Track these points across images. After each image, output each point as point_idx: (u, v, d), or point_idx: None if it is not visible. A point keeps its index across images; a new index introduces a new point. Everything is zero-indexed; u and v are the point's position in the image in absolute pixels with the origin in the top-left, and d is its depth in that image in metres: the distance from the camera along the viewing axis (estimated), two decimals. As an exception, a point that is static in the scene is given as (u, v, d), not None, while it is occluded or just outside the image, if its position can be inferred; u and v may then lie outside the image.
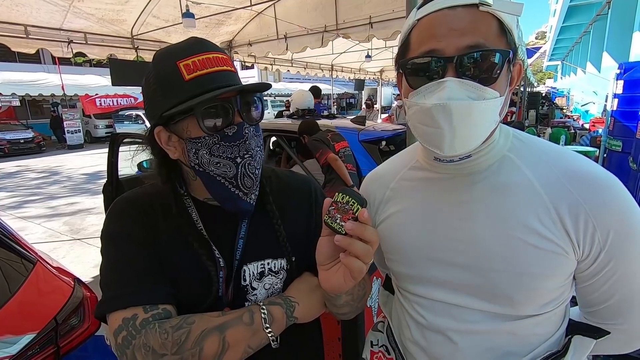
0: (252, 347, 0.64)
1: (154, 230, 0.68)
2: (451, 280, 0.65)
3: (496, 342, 0.63)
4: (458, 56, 0.53)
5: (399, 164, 0.77)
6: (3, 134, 12.52)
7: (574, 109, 14.23)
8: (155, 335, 0.59)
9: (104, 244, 0.68)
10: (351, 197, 0.55)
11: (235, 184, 0.66)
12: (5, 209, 5.98)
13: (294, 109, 4.23)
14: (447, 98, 0.53)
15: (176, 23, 4.84)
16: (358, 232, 0.54)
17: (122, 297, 0.63)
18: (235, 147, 0.65)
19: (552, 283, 0.60)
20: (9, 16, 3.91)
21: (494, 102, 0.55)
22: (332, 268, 0.60)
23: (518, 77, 0.61)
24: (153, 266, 0.66)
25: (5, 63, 14.77)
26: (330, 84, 12.84)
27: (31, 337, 1.15)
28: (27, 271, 1.34)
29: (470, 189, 0.63)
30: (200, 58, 0.63)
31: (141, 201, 0.71)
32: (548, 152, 0.62)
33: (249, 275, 0.71)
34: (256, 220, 0.73)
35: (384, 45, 7.34)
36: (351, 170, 2.91)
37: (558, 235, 0.57)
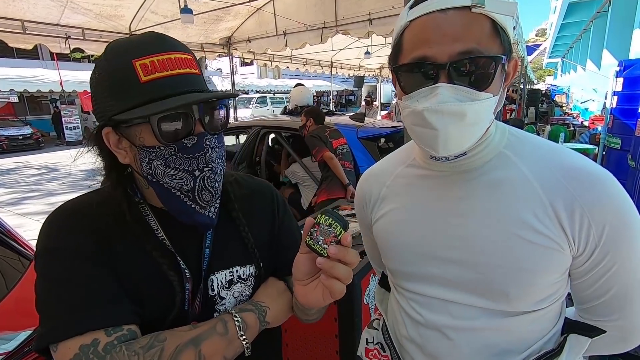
0: (227, 358, 0.61)
1: (106, 242, 0.60)
2: (447, 277, 0.65)
3: (492, 339, 0.64)
4: (450, 63, 0.53)
5: (395, 161, 0.77)
6: (1, 130, 12.49)
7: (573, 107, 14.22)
8: (124, 359, 0.53)
9: (43, 262, 0.58)
10: (334, 220, 0.54)
11: (192, 197, 0.61)
12: (3, 205, 5.97)
13: (293, 105, 4.23)
14: (440, 102, 0.54)
15: (174, 19, 4.82)
16: (340, 255, 0.54)
17: (77, 321, 0.54)
18: (194, 159, 0.59)
19: (547, 279, 0.60)
20: (5, 11, 3.89)
21: (487, 102, 0.55)
22: (310, 284, 0.61)
23: (514, 73, 0.61)
24: (109, 283, 0.58)
25: (3, 59, 14.71)
26: (329, 80, 12.81)
27: (28, 333, 1.15)
28: (24, 268, 1.33)
29: (466, 185, 0.64)
30: (160, 58, 0.57)
31: (87, 210, 0.62)
32: (543, 148, 0.63)
33: (217, 285, 0.67)
34: (222, 227, 0.69)
35: (383, 42, 7.32)
36: (348, 168, 2.91)
37: (554, 231, 0.57)
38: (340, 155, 2.90)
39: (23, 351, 1.12)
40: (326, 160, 2.81)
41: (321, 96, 22.89)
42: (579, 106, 12.59)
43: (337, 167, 2.80)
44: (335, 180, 2.83)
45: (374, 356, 0.81)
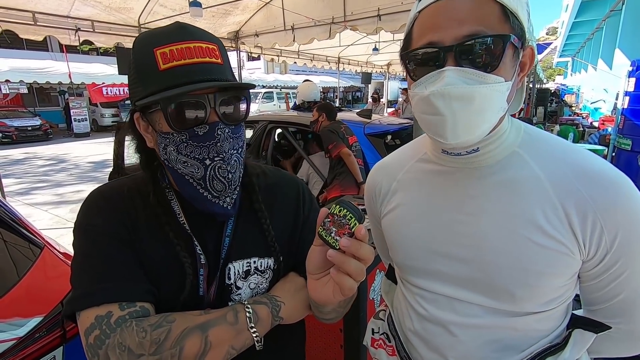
0: (235, 348, 0.61)
1: (132, 224, 0.64)
2: (454, 274, 0.65)
3: (496, 336, 0.64)
4: (456, 45, 0.53)
5: (407, 155, 0.77)
6: (11, 121, 12.63)
7: (583, 107, 14.03)
8: (132, 334, 0.55)
9: (77, 237, 0.63)
10: (349, 211, 0.51)
11: (203, 185, 0.62)
12: (13, 195, 6.05)
13: (300, 100, 4.22)
14: (447, 84, 0.52)
15: (183, 12, 4.82)
16: (353, 249, 0.51)
17: (95, 293, 0.58)
18: (205, 148, 0.60)
19: (555, 281, 0.59)
20: (17, 2, 3.92)
21: (498, 87, 0.53)
22: (321, 279, 0.58)
23: (530, 62, 0.59)
24: (130, 262, 0.61)
25: (14, 50, 14.85)
26: (336, 76, 12.77)
27: (38, 319, 1.16)
28: (34, 256, 1.36)
29: (478, 183, 0.63)
30: (179, 47, 0.58)
31: (118, 194, 0.66)
32: (559, 148, 0.61)
33: (233, 274, 0.68)
34: (244, 218, 0.70)
35: (391, 38, 7.27)
36: (361, 165, 2.88)
37: (564, 234, 0.56)
38: (355, 152, 2.85)
39: (34, 337, 1.14)
40: (343, 157, 2.73)
41: (327, 92, 22.81)
42: (589, 106, 12.42)
43: (354, 164, 2.74)
44: (349, 177, 2.78)
45: (379, 346, 0.82)
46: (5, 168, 8.20)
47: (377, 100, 9.47)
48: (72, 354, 1.23)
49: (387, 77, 12.77)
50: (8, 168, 8.33)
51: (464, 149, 0.61)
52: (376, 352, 0.83)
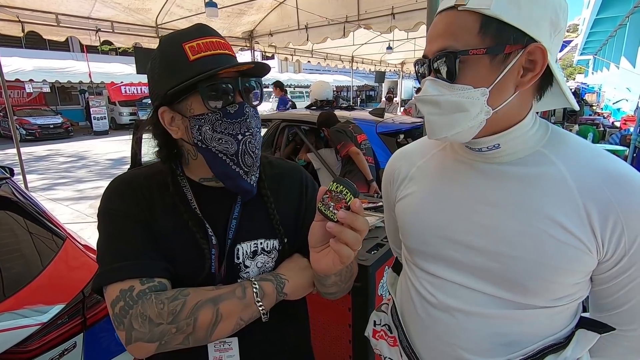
0: (243, 320, 0.67)
1: (150, 208, 0.70)
2: (466, 263, 0.65)
3: (502, 328, 0.64)
4: (429, 59, 0.62)
5: (430, 145, 0.79)
6: (34, 119, 13.06)
7: (604, 106, 13.61)
8: (152, 305, 0.62)
9: (101, 220, 0.70)
10: (345, 187, 0.57)
11: (236, 161, 0.69)
12: (36, 190, 6.27)
13: (313, 99, 4.24)
14: (423, 92, 0.62)
15: (199, 12, 4.91)
16: (349, 220, 0.57)
17: (119, 270, 0.65)
18: (237, 124, 0.68)
19: (569, 278, 0.59)
20: (41, 4, 4.07)
21: (467, 94, 0.58)
22: (322, 251, 0.64)
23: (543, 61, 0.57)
24: (149, 242, 0.68)
25: (37, 50, 15.36)
26: (350, 75, 12.74)
27: (60, 307, 1.23)
28: (57, 247, 1.42)
29: (499, 177, 0.64)
30: (204, 41, 0.67)
31: (138, 181, 0.73)
32: (586, 150, 0.61)
33: (242, 254, 0.74)
34: (250, 202, 0.76)
35: (405, 36, 7.21)
36: (370, 163, 2.90)
37: (583, 232, 0.57)
38: (364, 150, 2.87)
39: (56, 323, 1.20)
40: (352, 155, 2.77)
41: (341, 91, 22.77)
42: (611, 106, 12.04)
43: (362, 162, 2.77)
44: (358, 175, 2.81)
45: (380, 337, 0.84)
46: (29, 164, 8.50)
47: (391, 100, 9.41)
48: (92, 340, 1.29)
49: (401, 76, 12.67)
50: (32, 164, 8.63)
51: (484, 145, 0.63)
52: (377, 343, 0.85)
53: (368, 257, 1.34)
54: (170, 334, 0.62)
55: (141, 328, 0.62)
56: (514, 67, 0.57)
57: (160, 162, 0.76)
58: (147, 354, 0.64)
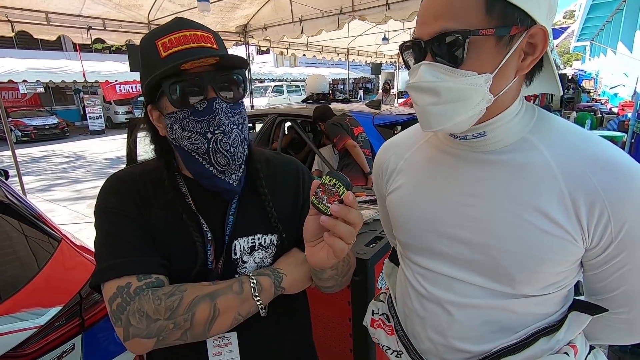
0: (241, 315, 0.67)
1: (145, 205, 0.70)
2: (455, 255, 0.65)
3: (493, 317, 0.64)
4: (427, 41, 0.56)
5: (416, 136, 0.77)
6: (29, 120, 12.99)
7: (602, 92, 13.58)
8: (149, 302, 0.62)
9: (98, 218, 0.70)
10: (338, 180, 0.56)
11: (208, 160, 0.66)
12: (33, 192, 6.25)
13: (309, 93, 4.21)
14: (418, 79, 0.57)
15: (191, 7, 4.85)
16: (342, 214, 0.55)
17: (116, 267, 0.65)
18: (205, 122, 0.65)
19: (556, 268, 0.59)
20: (29, 3, 4.01)
21: (470, 80, 0.54)
22: (317, 245, 0.63)
23: (543, 44, 0.55)
24: (145, 238, 0.68)
25: (30, 51, 15.20)
26: (346, 68, 12.66)
27: (58, 309, 1.22)
28: (52, 248, 1.41)
29: (485, 166, 0.63)
30: (176, 36, 0.64)
31: (133, 178, 0.73)
32: (572, 135, 0.60)
33: (239, 250, 0.73)
34: (247, 199, 0.75)
35: (401, 27, 7.15)
36: (368, 155, 2.88)
37: (569, 222, 0.56)
38: (360, 143, 2.85)
39: (54, 325, 1.19)
40: (348, 148, 2.75)
41: (338, 84, 22.65)
42: (608, 92, 12.01)
43: (359, 155, 2.76)
44: (356, 168, 2.80)
45: (378, 326, 0.85)
46: (25, 166, 8.46)
47: (388, 91, 9.36)
48: (90, 341, 1.28)
49: (397, 67, 12.60)
50: (28, 166, 8.60)
51: (469, 133, 0.61)
52: (375, 332, 0.86)
53: (367, 251, 1.33)
54: (168, 329, 0.62)
55: (139, 324, 0.61)
56: (516, 51, 0.55)
57: (155, 158, 0.75)
58: (146, 350, 0.64)
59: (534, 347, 0.63)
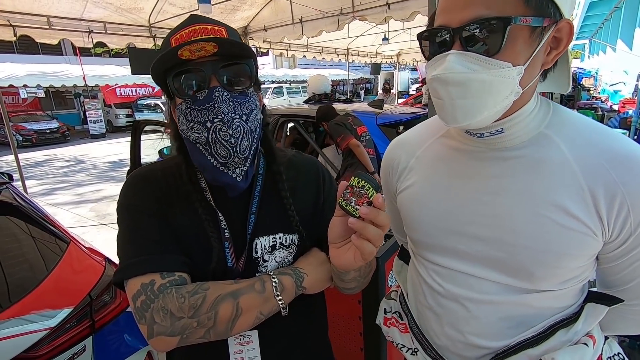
0: (263, 314, 0.67)
1: (167, 202, 0.70)
2: (471, 252, 0.65)
3: (511, 312, 0.64)
4: (458, 29, 0.53)
5: (428, 132, 0.76)
6: (30, 124, 12.99)
7: (602, 90, 13.56)
8: (173, 300, 0.62)
9: (120, 215, 0.71)
10: (367, 182, 0.55)
11: (209, 151, 0.65)
12: (35, 196, 6.25)
13: (311, 93, 4.21)
14: (445, 70, 0.53)
15: (192, 10, 4.85)
16: (372, 216, 0.54)
17: (139, 264, 0.65)
18: (204, 110, 0.64)
19: (575, 262, 0.59)
20: (31, 7, 4.01)
21: (503, 72, 0.52)
22: (343, 247, 0.61)
23: (568, 39, 0.55)
24: (167, 236, 0.68)
25: (30, 55, 15.21)
26: (346, 69, 12.65)
27: (68, 311, 1.22)
28: (61, 251, 1.41)
29: (501, 163, 0.62)
30: (187, 30, 0.65)
31: (154, 175, 0.73)
32: (589, 130, 0.59)
33: (260, 248, 0.73)
34: (269, 199, 0.75)
35: (401, 27, 7.15)
36: (372, 155, 2.88)
37: (588, 217, 0.56)
38: (364, 142, 2.85)
39: (64, 327, 1.19)
40: (352, 148, 2.74)
41: (337, 85, 22.66)
42: (608, 89, 12.00)
43: (363, 154, 2.75)
44: (360, 168, 2.79)
45: (392, 324, 0.84)
46: (27, 170, 8.46)
47: (388, 91, 9.36)
48: (101, 343, 1.28)
49: (397, 68, 12.60)
50: (30, 170, 8.59)
51: (487, 130, 0.60)
52: (389, 330, 0.85)
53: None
54: (192, 328, 0.62)
55: (163, 322, 0.62)
56: (545, 44, 0.54)
57: (176, 155, 0.74)
58: (169, 348, 0.64)
59: (552, 339, 0.63)
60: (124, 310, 1.41)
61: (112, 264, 1.53)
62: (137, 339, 1.44)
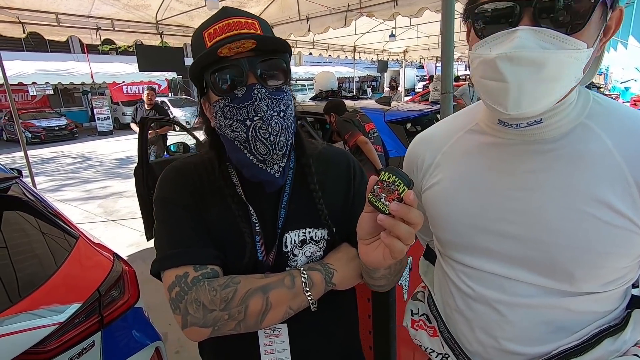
0: (292, 309, 0.68)
1: (200, 196, 0.72)
2: (505, 252, 0.61)
3: (548, 317, 0.60)
4: (531, 0, 0.47)
5: (455, 126, 0.72)
6: (39, 121, 13.14)
7: (612, 87, 13.36)
8: (205, 292, 0.64)
9: (157, 208, 0.73)
10: (398, 177, 0.52)
11: (248, 148, 0.65)
12: (44, 192, 6.31)
13: (317, 90, 4.20)
14: (517, 47, 0.47)
15: (199, 6, 4.85)
16: (402, 213, 0.51)
17: (174, 256, 0.67)
18: (244, 108, 0.63)
19: (620, 262, 0.55)
20: (40, 4, 4.04)
21: (577, 54, 0.47)
22: (372, 244, 0.59)
23: (617, 26, 0.52)
24: (201, 229, 0.69)
25: (39, 53, 15.36)
26: (352, 66, 12.60)
27: (77, 306, 1.21)
28: (70, 246, 1.41)
29: (537, 157, 0.58)
30: (221, 24, 0.64)
31: (188, 169, 0.75)
32: (632, 119, 0.56)
33: (290, 243, 0.73)
34: (297, 193, 0.75)
35: (408, 23, 7.08)
36: (380, 152, 2.87)
37: (635, 212, 0.52)
38: (372, 139, 2.84)
39: (73, 322, 1.19)
40: (360, 145, 2.74)
41: (343, 83, 22.58)
42: (619, 87, 11.81)
43: (371, 151, 2.74)
44: (367, 165, 2.78)
45: (419, 327, 0.80)
46: (36, 167, 8.55)
47: (395, 88, 9.31)
48: (110, 338, 1.28)
49: (403, 65, 12.51)
50: (39, 167, 8.69)
51: (525, 120, 0.56)
52: (416, 333, 0.81)
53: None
54: (223, 320, 0.64)
55: (196, 313, 0.64)
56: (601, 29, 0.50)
57: (210, 150, 0.75)
58: (202, 338, 0.67)
59: (598, 348, 0.58)
60: (132, 306, 1.40)
61: (121, 260, 1.53)
62: (146, 335, 1.44)
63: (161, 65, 4.97)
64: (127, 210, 5.13)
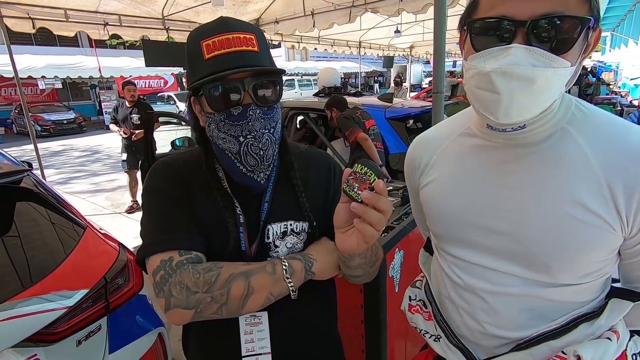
0: (273, 295, 0.71)
1: (188, 187, 0.75)
2: (489, 246, 0.66)
3: (530, 305, 0.65)
4: (531, 22, 0.51)
5: (450, 129, 0.78)
6: (48, 115, 13.33)
7: (622, 85, 13.14)
8: (189, 275, 0.67)
9: (145, 198, 0.77)
10: (369, 169, 0.58)
11: (239, 160, 0.71)
12: (53, 184, 6.44)
13: (321, 86, 4.23)
14: (511, 63, 0.51)
15: (205, 2, 4.88)
16: (373, 201, 0.57)
17: (160, 242, 0.70)
18: (238, 126, 0.69)
19: (594, 256, 0.60)
20: (49, 0, 4.10)
21: (562, 72, 0.53)
22: (347, 232, 0.65)
23: (594, 44, 0.57)
24: (186, 218, 0.73)
25: (48, 47, 15.53)
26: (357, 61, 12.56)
27: (85, 292, 1.28)
28: (78, 236, 1.48)
29: (521, 159, 0.63)
30: (220, 38, 0.66)
31: (177, 164, 0.79)
32: (610, 126, 0.60)
33: (272, 234, 0.77)
34: (282, 189, 0.80)
35: (414, 19, 7.05)
36: (379, 148, 2.90)
37: (607, 211, 0.56)
38: (372, 136, 2.88)
39: (81, 307, 1.26)
40: (360, 141, 2.77)
41: (349, 78, 22.49)
42: (629, 84, 11.62)
43: (371, 148, 2.78)
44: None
45: (416, 311, 0.87)
46: (45, 159, 8.70)
47: (400, 84, 9.28)
48: (115, 323, 1.35)
49: (409, 60, 12.43)
50: (48, 159, 8.84)
51: (510, 126, 0.61)
52: (413, 316, 0.88)
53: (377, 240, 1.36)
54: (205, 302, 0.66)
55: (179, 295, 0.66)
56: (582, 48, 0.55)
57: (196, 147, 0.80)
58: (184, 321, 0.69)
59: (575, 332, 0.63)
60: (137, 293, 1.47)
61: (126, 250, 1.60)
62: (149, 321, 1.51)
63: (167, 60, 5.04)
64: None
